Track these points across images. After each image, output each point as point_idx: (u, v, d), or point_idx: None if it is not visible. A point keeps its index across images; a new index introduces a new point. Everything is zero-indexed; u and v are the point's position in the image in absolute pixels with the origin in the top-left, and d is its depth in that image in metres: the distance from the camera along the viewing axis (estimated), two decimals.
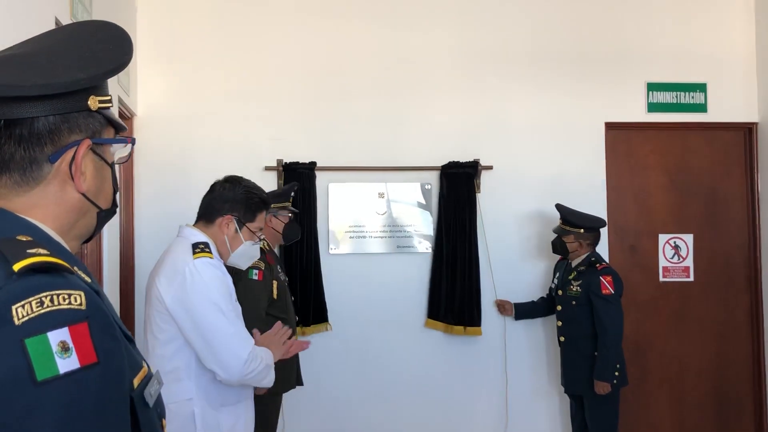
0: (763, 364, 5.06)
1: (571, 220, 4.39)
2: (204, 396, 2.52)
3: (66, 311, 0.93)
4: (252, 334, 2.60)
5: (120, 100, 4.05)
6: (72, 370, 0.91)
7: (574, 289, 4.31)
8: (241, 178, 2.80)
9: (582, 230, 4.38)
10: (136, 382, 1.03)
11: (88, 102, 1.13)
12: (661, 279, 5.10)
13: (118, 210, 4.03)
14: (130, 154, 1.27)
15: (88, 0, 3.30)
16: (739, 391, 5.12)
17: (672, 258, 5.12)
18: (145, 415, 1.05)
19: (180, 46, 4.77)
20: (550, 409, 4.92)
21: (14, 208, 1.10)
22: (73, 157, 1.12)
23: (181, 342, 2.52)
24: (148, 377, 1.06)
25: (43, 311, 0.92)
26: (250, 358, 2.44)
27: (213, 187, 2.77)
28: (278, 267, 3.86)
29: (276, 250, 4.08)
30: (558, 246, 4.43)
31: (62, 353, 0.91)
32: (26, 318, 0.91)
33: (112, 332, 0.98)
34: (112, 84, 3.77)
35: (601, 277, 4.23)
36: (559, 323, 4.37)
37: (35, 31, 1.27)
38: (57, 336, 0.91)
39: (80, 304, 0.95)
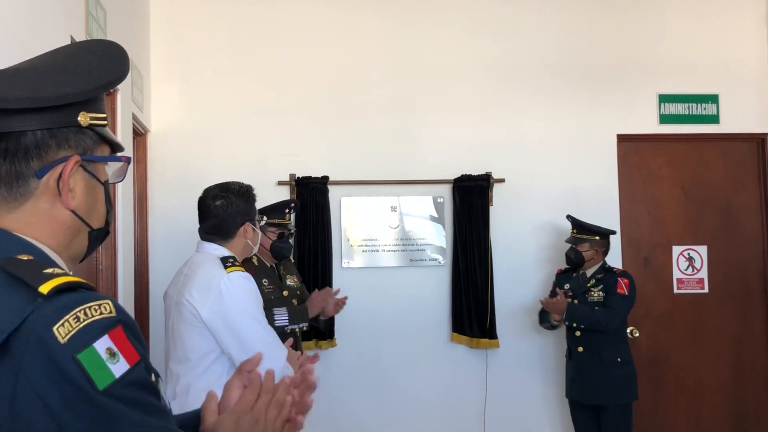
0: None
1: (587, 228, 4.39)
2: None
3: (101, 320, 0.97)
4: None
5: (134, 117, 4.08)
6: (125, 371, 0.97)
7: (596, 295, 4.30)
8: (223, 186, 2.85)
9: (597, 237, 4.39)
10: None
11: (78, 118, 1.12)
12: (676, 291, 5.07)
13: (132, 226, 4.06)
14: (125, 174, 1.27)
15: (103, 18, 3.34)
16: (756, 404, 5.08)
17: (686, 270, 5.09)
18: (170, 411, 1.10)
19: (194, 63, 4.81)
20: (562, 418, 4.90)
21: (7, 225, 1.11)
22: (61, 173, 1.12)
23: (215, 355, 2.58)
24: (158, 378, 1.09)
25: (81, 326, 0.95)
26: (286, 366, 2.48)
27: (207, 209, 2.81)
28: (265, 281, 3.85)
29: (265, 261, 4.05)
30: (573, 256, 4.42)
31: (111, 359, 0.96)
32: (69, 335, 0.94)
33: (138, 331, 1.03)
34: (126, 100, 3.81)
35: (619, 279, 4.27)
36: (578, 333, 4.31)
37: (51, 49, 1.29)
38: (102, 345, 0.96)
39: (110, 312, 0.99)
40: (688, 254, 5.10)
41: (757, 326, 5.11)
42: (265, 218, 3.92)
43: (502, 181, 4.88)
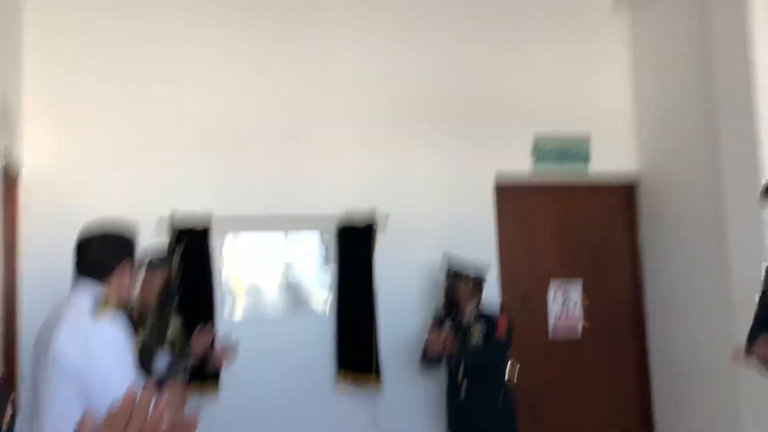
0: (651, 410, 5.23)
1: (464, 266, 4.45)
2: None
3: None
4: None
5: (4, 153, 3.89)
6: None
7: (475, 336, 4.31)
8: (101, 226, 2.72)
9: (470, 280, 4.44)
10: None
11: None
12: (551, 332, 5.22)
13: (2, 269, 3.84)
14: None
15: None
16: None
17: (562, 308, 5.27)
18: None
19: (68, 98, 4.63)
20: None
21: None
22: None
23: (77, 405, 2.43)
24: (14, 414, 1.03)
25: None
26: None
27: (85, 249, 2.67)
28: (147, 323, 3.75)
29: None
30: (445, 294, 4.45)
31: None
32: None
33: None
34: None
35: (496, 322, 4.28)
36: (460, 378, 4.31)
37: None
38: None
39: None
40: (564, 294, 5.27)
41: (629, 366, 5.34)
42: (149, 260, 3.81)
43: (386, 221, 4.90)
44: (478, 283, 4.45)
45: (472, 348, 4.29)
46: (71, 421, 2.42)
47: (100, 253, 2.64)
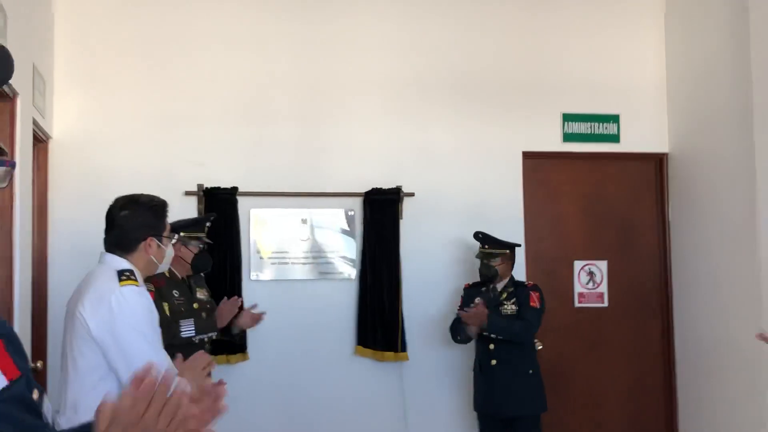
0: (674, 389, 5.22)
1: (498, 242, 4.48)
2: None
3: None
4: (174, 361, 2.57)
5: (35, 122, 3.94)
6: (2, 387, 0.94)
7: (509, 308, 4.37)
8: (132, 197, 2.75)
9: (507, 251, 4.48)
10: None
11: None
12: (577, 305, 5.23)
13: (30, 237, 3.91)
14: (11, 178, 1.21)
15: (3, 21, 3.22)
16: (652, 415, 5.27)
17: (587, 284, 5.26)
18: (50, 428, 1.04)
19: (99, 68, 4.69)
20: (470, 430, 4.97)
21: None
22: None
23: (103, 371, 2.51)
24: (41, 395, 1.04)
25: None
26: (186, 384, 2.41)
27: (113, 219, 2.71)
28: (175, 292, 3.83)
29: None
30: (486, 271, 4.48)
31: None
32: None
33: (21, 346, 0.99)
34: (26, 105, 3.67)
35: (531, 292, 4.39)
36: (492, 346, 4.35)
37: None
38: None
39: None
40: (589, 269, 5.27)
41: (653, 340, 5.31)
42: (176, 236, 3.86)
43: (411, 195, 4.93)
44: (512, 258, 4.50)
45: (505, 318, 4.35)
46: (95, 385, 2.49)
47: (126, 227, 2.68)
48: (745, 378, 4.43)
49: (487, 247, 4.50)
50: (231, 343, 4.49)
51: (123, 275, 2.56)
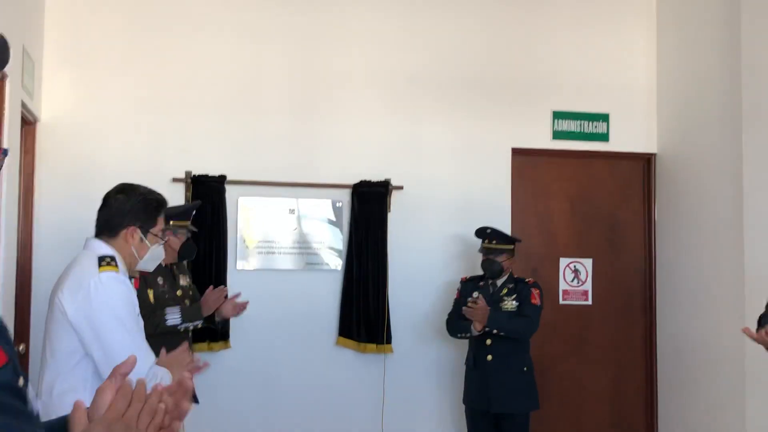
0: (655, 387, 5.26)
1: (508, 238, 4.47)
2: None
3: None
4: (158, 352, 2.58)
5: (23, 104, 3.91)
6: None
7: (509, 305, 4.37)
8: (133, 185, 2.75)
9: (512, 247, 4.48)
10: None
11: None
12: (561, 302, 5.25)
13: (16, 221, 3.88)
14: (1, 166, 1.21)
15: None
16: (633, 413, 5.31)
17: (572, 281, 5.28)
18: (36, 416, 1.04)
19: (89, 51, 4.65)
20: (459, 427, 4.98)
21: None
22: None
23: (80, 356, 2.50)
24: (26, 383, 1.04)
25: None
26: (150, 376, 2.40)
27: (107, 200, 2.71)
28: (159, 279, 3.83)
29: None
30: (491, 266, 4.44)
31: None
32: None
33: (7, 332, 1.00)
34: (15, 86, 3.65)
35: (532, 289, 4.39)
36: (488, 341, 4.33)
37: None
38: None
39: None
40: (574, 266, 5.29)
41: (636, 338, 5.35)
42: (164, 239, 3.85)
43: (400, 188, 4.93)
44: (514, 254, 4.51)
45: (505, 313, 4.34)
46: (72, 370, 2.49)
47: (114, 209, 2.67)
48: (727, 377, 4.47)
49: (495, 242, 4.46)
50: (213, 331, 4.48)
51: (103, 261, 2.54)
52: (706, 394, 4.68)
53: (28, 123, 4.29)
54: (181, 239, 3.94)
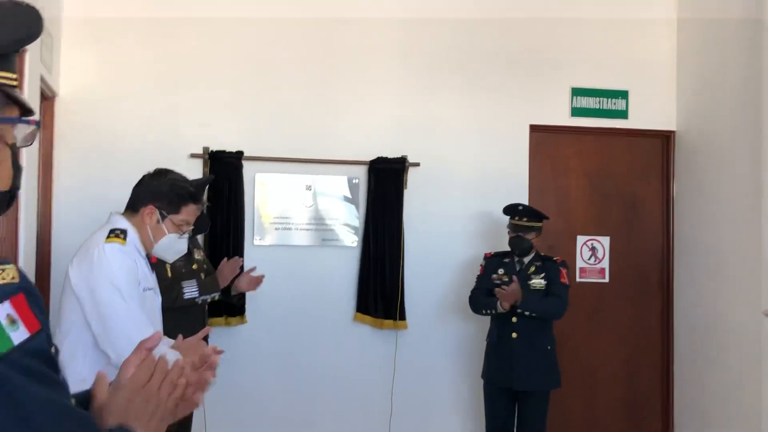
0: (671, 366, 5.26)
1: (540, 215, 4.43)
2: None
3: (3, 286, 0.95)
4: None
5: (42, 79, 3.93)
6: (24, 339, 0.94)
7: (538, 283, 4.35)
8: (169, 170, 2.80)
9: (541, 225, 4.46)
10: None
11: None
12: (578, 279, 5.24)
13: (36, 195, 3.91)
14: (35, 138, 1.22)
15: None
16: (648, 392, 5.31)
17: (589, 259, 5.27)
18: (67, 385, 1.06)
19: (107, 26, 4.64)
20: (474, 402, 5.00)
21: None
22: None
23: (81, 324, 2.54)
24: (57, 352, 1.05)
25: None
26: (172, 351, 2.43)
27: (142, 178, 2.78)
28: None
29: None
30: (521, 244, 4.41)
31: (11, 326, 0.93)
32: None
33: (41, 300, 1.00)
34: (34, 61, 3.66)
35: (561, 268, 4.37)
36: (514, 319, 4.31)
37: None
38: (2, 310, 0.93)
39: (13, 278, 0.97)
40: (592, 244, 5.27)
41: (652, 316, 5.34)
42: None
43: (417, 165, 4.92)
44: (541, 231, 4.48)
45: (536, 295, 4.33)
46: (74, 339, 2.53)
47: (142, 186, 2.74)
48: (743, 357, 4.46)
49: (525, 219, 4.42)
50: (230, 306, 4.52)
51: (112, 233, 2.59)
52: (722, 372, 4.67)
53: (46, 98, 4.31)
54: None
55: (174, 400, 1.26)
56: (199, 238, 4.39)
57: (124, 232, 2.60)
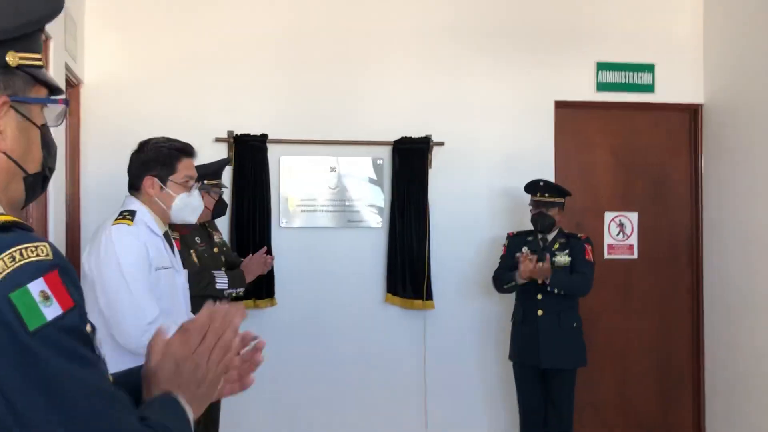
0: (702, 341, 5.22)
1: (562, 191, 4.41)
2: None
3: (37, 262, 0.96)
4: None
5: (67, 66, 3.95)
6: (57, 316, 0.95)
7: (562, 260, 4.34)
8: (149, 139, 2.79)
9: (564, 200, 4.43)
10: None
11: (7, 58, 1.09)
12: (606, 256, 5.20)
13: (64, 179, 3.95)
14: (65, 117, 1.23)
15: None
16: (679, 365, 5.28)
17: (617, 236, 5.23)
18: (100, 361, 1.06)
19: (130, 12, 4.66)
20: (505, 381, 5.00)
21: None
22: None
23: (98, 311, 2.56)
24: (94, 330, 1.06)
25: (16, 266, 0.94)
26: (153, 329, 2.44)
27: (130, 157, 2.79)
28: (197, 239, 3.88)
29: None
30: (543, 221, 4.39)
31: (45, 302, 0.94)
32: (3, 274, 0.93)
33: (76, 278, 1.01)
34: (59, 49, 3.68)
35: (585, 245, 4.36)
36: (539, 296, 4.30)
37: None
38: (36, 287, 0.94)
39: (47, 255, 0.97)
40: (619, 220, 5.23)
41: (682, 291, 5.29)
42: (198, 184, 3.89)
43: (441, 144, 4.90)
44: (563, 206, 4.46)
45: (563, 271, 4.31)
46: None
47: (131, 165, 2.76)
48: None
49: (547, 195, 4.40)
50: (258, 288, 4.55)
51: (120, 215, 2.61)
52: (752, 344, 4.63)
53: (72, 85, 4.34)
54: (214, 198, 3.99)
55: (224, 367, 1.23)
56: (222, 222, 4.40)
57: (132, 213, 2.62)
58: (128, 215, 2.61)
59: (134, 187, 2.73)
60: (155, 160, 2.71)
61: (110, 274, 2.51)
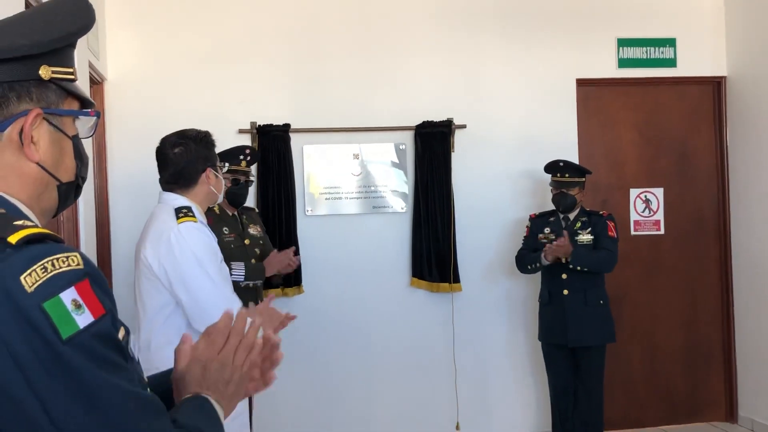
0: (732, 315, 5.19)
1: (581, 170, 4.42)
2: None
3: (68, 272, 0.98)
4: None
5: (90, 65, 4.00)
6: (89, 323, 0.98)
7: (585, 238, 4.35)
8: (180, 132, 2.74)
9: (584, 179, 4.44)
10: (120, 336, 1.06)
11: (40, 72, 1.12)
12: (633, 233, 5.18)
13: (92, 178, 4.01)
14: (96, 128, 1.26)
15: None
16: (708, 340, 5.26)
17: (643, 212, 5.20)
18: (133, 366, 1.08)
19: (150, 7, 4.69)
20: (534, 360, 5.02)
21: None
22: (23, 126, 1.11)
23: (171, 309, 2.58)
24: (128, 333, 1.09)
25: (49, 276, 0.96)
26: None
27: (165, 156, 2.71)
28: (225, 229, 3.90)
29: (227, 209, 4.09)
30: (564, 200, 4.41)
31: (77, 310, 0.97)
32: (36, 284, 0.95)
33: (106, 285, 1.04)
34: (82, 48, 3.73)
35: (607, 221, 4.37)
36: (564, 275, 4.33)
37: (2, 10, 1.26)
38: (68, 296, 0.97)
39: (78, 264, 1.00)
40: (645, 197, 5.21)
41: (710, 265, 5.26)
42: (227, 165, 3.92)
43: (463, 127, 4.90)
44: (584, 189, 4.47)
45: (585, 248, 4.32)
46: (165, 323, 2.57)
47: (183, 163, 2.68)
48: None
49: (567, 175, 4.41)
50: (286, 277, 4.59)
51: (180, 213, 2.59)
52: None
53: (95, 83, 4.39)
54: (226, 185, 3.93)
55: (250, 364, 1.29)
56: (256, 212, 4.43)
57: (189, 209, 2.63)
58: (189, 212, 2.61)
59: (186, 185, 2.69)
60: (206, 149, 2.72)
61: (190, 272, 2.53)
